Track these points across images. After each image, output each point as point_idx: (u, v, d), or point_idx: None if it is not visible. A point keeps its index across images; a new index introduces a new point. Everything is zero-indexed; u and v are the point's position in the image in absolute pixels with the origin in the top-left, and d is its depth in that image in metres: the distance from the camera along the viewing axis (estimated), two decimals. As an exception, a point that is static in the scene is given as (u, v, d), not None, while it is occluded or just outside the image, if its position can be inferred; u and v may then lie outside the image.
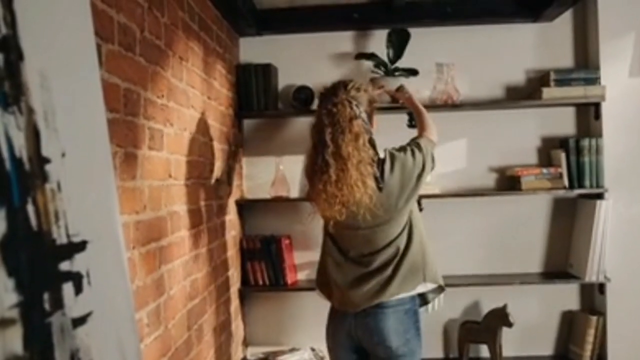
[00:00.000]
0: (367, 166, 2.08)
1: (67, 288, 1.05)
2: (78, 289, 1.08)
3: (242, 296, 3.28)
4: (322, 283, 2.39)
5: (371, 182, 2.09)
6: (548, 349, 3.36)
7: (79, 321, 1.07)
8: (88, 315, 1.11)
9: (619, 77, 3.15)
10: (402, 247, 2.23)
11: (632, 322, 3.14)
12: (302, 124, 3.34)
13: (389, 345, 2.18)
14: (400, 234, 2.23)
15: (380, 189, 2.12)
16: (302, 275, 3.39)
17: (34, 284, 0.94)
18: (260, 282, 3.23)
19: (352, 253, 2.27)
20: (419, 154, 2.24)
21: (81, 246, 1.11)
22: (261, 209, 3.39)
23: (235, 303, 3.11)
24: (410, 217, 2.27)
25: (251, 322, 3.39)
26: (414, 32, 3.28)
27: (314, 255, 3.36)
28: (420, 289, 2.28)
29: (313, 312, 3.37)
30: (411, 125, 3.21)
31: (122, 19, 1.65)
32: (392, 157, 2.20)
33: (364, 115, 2.14)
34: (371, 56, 3.24)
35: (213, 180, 2.69)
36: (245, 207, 3.35)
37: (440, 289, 2.38)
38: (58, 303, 1.01)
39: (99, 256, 1.18)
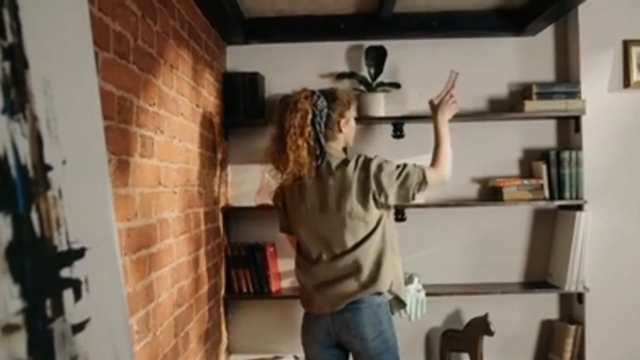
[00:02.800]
0: (301, 139, 2.33)
1: (67, 294, 1.05)
2: (77, 296, 1.09)
3: (226, 304, 3.28)
4: (303, 298, 2.53)
5: (304, 153, 2.33)
6: (528, 358, 3.41)
7: (78, 327, 1.08)
8: (86, 321, 1.11)
9: (598, 92, 3.23)
10: (373, 249, 2.37)
11: (610, 331, 3.20)
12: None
13: (365, 338, 2.32)
14: (370, 235, 2.38)
15: (317, 166, 2.39)
16: (286, 283, 3.40)
17: (38, 291, 0.95)
18: (245, 290, 3.23)
19: (323, 255, 2.42)
20: (391, 167, 2.42)
21: (80, 253, 1.12)
22: (246, 216, 3.40)
23: (219, 310, 3.11)
24: (383, 222, 2.42)
25: (235, 329, 3.39)
26: (400, 44, 3.34)
27: (299, 264, 3.39)
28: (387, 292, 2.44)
29: (296, 320, 3.37)
30: (396, 135, 3.27)
31: (118, 27, 1.66)
32: (359, 157, 2.43)
33: (321, 104, 2.39)
34: (351, 75, 3.30)
35: (200, 188, 2.69)
36: (231, 214, 3.35)
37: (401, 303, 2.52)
38: (59, 309, 1.01)
39: (97, 263, 1.18)
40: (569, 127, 3.34)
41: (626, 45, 3.23)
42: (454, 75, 2.70)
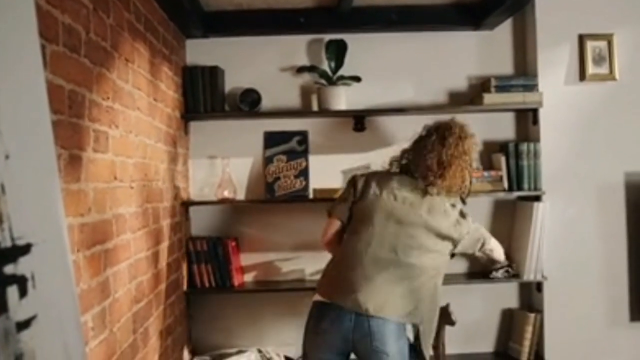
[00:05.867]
0: (466, 169, 2.51)
1: (12, 291, 1.04)
2: (22, 293, 1.07)
3: (188, 298, 3.26)
4: (330, 282, 2.43)
5: (459, 182, 2.51)
6: (489, 346, 3.47)
7: (23, 325, 1.06)
8: (32, 318, 1.09)
9: (555, 85, 3.28)
10: (432, 290, 2.41)
11: (567, 318, 3.27)
12: (248, 127, 3.36)
13: (386, 352, 2.24)
14: (438, 268, 2.44)
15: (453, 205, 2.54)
16: (248, 277, 3.40)
17: (-22, 288, 0.93)
18: (207, 285, 3.22)
19: (386, 252, 2.37)
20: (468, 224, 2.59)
21: (25, 249, 1.10)
22: (207, 211, 3.38)
23: (181, 306, 3.09)
24: (443, 270, 2.49)
25: (197, 324, 3.38)
26: (360, 37, 3.35)
27: (261, 257, 3.39)
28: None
29: (259, 314, 3.39)
30: (357, 129, 3.28)
31: (67, 20, 1.63)
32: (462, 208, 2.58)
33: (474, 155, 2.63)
34: (312, 69, 3.30)
35: (159, 182, 2.67)
36: (192, 209, 3.33)
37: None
38: (2, 307, 1.00)
39: (44, 259, 1.17)
40: (527, 120, 3.39)
41: (582, 39, 3.29)
42: None
